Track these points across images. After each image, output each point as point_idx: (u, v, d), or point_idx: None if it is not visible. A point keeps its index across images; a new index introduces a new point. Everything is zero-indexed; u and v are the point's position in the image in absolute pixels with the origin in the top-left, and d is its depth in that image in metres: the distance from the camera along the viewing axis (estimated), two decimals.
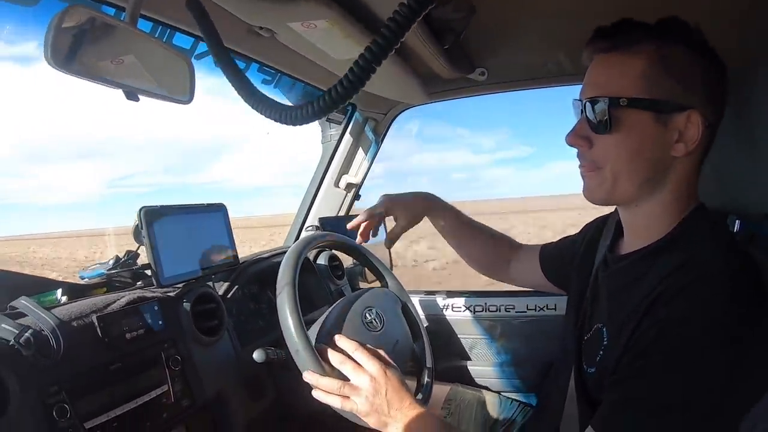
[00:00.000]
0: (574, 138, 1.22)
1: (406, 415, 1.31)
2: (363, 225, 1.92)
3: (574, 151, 1.24)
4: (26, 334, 1.16)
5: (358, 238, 1.91)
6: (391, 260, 2.67)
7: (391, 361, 1.43)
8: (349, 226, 1.97)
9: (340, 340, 1.44)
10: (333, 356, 1.40)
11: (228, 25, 1.37)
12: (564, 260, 1.66)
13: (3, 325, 1.17)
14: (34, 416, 1.16)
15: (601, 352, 1.18)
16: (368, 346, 1.44)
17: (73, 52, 1.04)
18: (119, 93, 1.15)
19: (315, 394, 1.38)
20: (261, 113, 1.06)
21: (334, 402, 1.36)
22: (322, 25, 1.34)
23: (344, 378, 1.37)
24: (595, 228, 1.53)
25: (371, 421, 1.34)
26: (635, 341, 1.05)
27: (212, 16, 1.17)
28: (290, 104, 1.06)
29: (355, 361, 1.39)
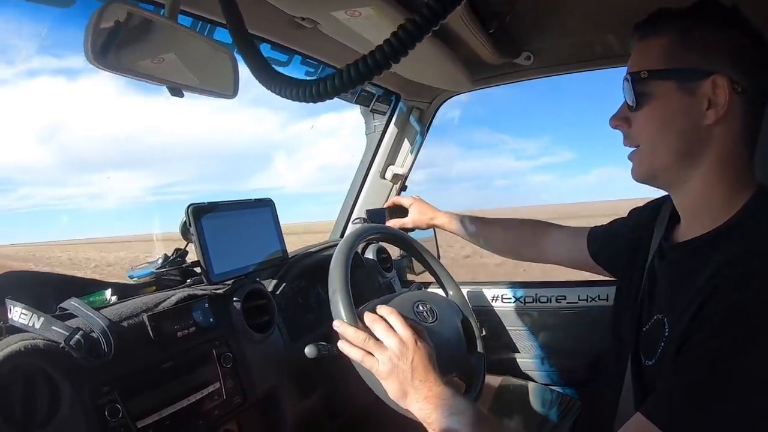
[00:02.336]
0: (615, 120, 1.26)
1: (430, 389, 1.27)
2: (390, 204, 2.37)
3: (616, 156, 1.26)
4: (76, 336, 1.16)
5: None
6: (438, 250, 2.65)
7: (428, 339, 1.39)
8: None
9: (380, 307, 1.43)
10: (368, 316, 1.40)
11: (269, 17, 1.36)
12: (612, 243, 1.64)
13: (53, 327, 1.17)
14: (86, 416, 1.16)
15: (663, 344, 1.14)
16: (408, 319, 1.41)
17: (114, 49, 1.04)
18: (161, 103, 1.15)
19: (339, 344, 1.38)
20: (277, 92, 1.02)
21: (356, 355, 1.34)
22: (367, 12, 1.32)
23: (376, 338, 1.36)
24: (649, 213, 1.49)
25: (390, 388, 1.31)
26: (698, 327, 1.01)
27: (253, 8, 1.17)
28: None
29: (390, 325, 1.37)
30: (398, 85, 2.40)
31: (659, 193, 1.38)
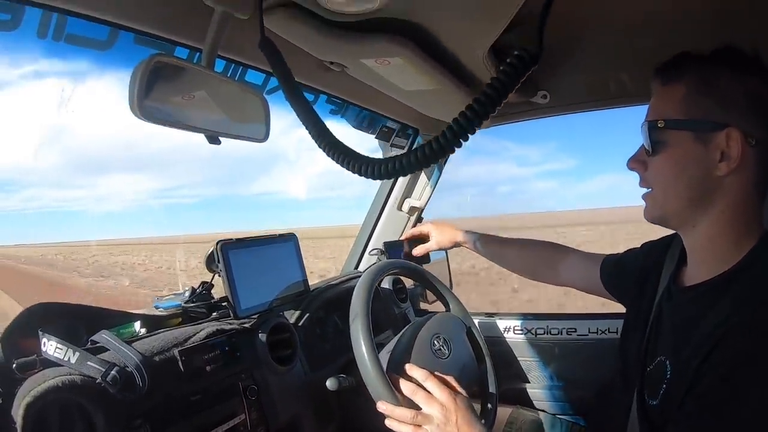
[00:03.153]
0: (633, 162, 1.28)
1: None
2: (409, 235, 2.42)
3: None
4: (112, 372, 1.18)
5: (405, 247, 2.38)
6: (450, 279, 2.67)
7: (460, 389, 1.45)
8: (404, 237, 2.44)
9: (411, 369, 1.47)
10: (405, 386, 1.43)
11: (299, 60, 1.38)
12: (623, 275, 1.64)
13: (89, 363, 1.19)
14: None
15: (665, 386, 1.16)
16: (437, 374, 1.46)
17: (155, 100, 1.07)
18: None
19: (388, 423, 1.41)
20: (339, 163, 1.07)
21: (407, 431, 1.38)
22: (396, 62, 1.36)
23: (416, 407, 1.39)
24: (660, 248, 1.50)
25: None
26: (705, 374, 1.02)
27: (284, 51, 1.20)
28: (366, 149, 1.07)
29: (426, 390, 1.41)
30: (417, 121, 2.42)
31: None
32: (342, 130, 2.20)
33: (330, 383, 1.56)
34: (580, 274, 1.89)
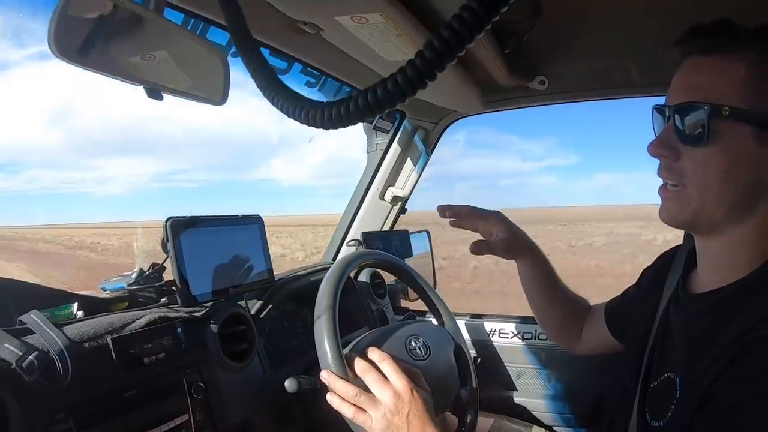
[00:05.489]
0: (660, 148, 1.05)
1: None
2: (455, 211, 1.61)
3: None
4: (30, 357, 1.06)
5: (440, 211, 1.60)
6: (435, 278, 2.56)
7: (424, 383, 1.31)
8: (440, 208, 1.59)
9: (372, 351, 1.33)
10: (358, 363, 1.30)
11: (269, 21, 1.30)
12: (629, 314, 1.46)
13: (6, 345, 1.07)
14: None
15: (673, 407, 1.03)
16: (401, 362, 1.32)
17: (86, 41, 0.94)
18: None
19: (329, 398, 1.28)
20: (283, 111, 0.92)
21: (347, 411, 1.25)
22: (375, 19, 1.24)
23: (367, 389, 1.26)
24: (659, 267, 1.37)
25: None
26: (720, 393, 0.91)
27: (252, 9, 1.07)
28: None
29: (382, 373, 1.28)
30: (400, 104, 2.28)
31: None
32: None
33: (289, 384, 1.42)
34: (595, 331, 1.66)
